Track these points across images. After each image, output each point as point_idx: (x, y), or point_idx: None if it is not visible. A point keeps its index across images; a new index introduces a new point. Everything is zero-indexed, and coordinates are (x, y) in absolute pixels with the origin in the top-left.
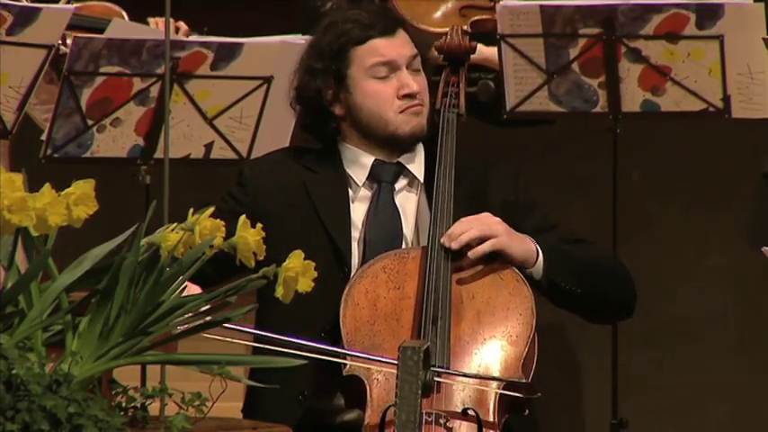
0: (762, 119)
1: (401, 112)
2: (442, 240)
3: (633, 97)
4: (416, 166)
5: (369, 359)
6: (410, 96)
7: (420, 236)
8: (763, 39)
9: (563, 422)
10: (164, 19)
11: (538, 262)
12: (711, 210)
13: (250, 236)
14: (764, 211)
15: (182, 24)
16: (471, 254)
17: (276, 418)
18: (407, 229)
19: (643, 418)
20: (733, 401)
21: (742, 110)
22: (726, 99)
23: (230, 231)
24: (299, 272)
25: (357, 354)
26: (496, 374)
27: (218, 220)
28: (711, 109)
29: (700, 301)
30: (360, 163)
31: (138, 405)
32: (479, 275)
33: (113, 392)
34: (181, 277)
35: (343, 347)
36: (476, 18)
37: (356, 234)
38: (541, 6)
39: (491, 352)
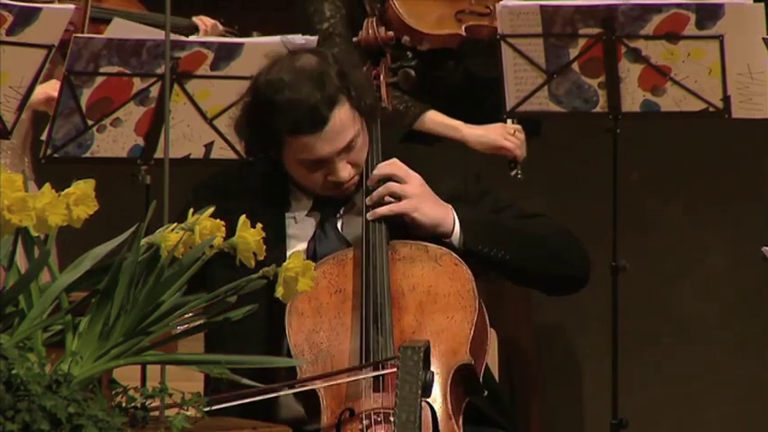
0: (762, 119)
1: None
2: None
3: (633, 97)
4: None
5: (332, 375)
6: (338, 184)
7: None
8: (763, 39)
9: (563, 422)
10: (206, 17)
11: (455, 231)
12: (711, 210)
13: (250, 236)
14: None
15: (206, 20)
16: (371, 215)
17: None
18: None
19: (643, 418)
20: (733, 401)
21: (742, 110)
22: (726, 99)
23: None
24: (299, 272)
25: (328, 375)
26: (444, 362)
27: None
28: (711, 109)
29: (700, 301)
30: (303, 191)
31: (138, 405)
32: (418, 265)
33: (113, 392)
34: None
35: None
36: (471, 23)
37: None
38: (541, 6)
39: (437, 340)
